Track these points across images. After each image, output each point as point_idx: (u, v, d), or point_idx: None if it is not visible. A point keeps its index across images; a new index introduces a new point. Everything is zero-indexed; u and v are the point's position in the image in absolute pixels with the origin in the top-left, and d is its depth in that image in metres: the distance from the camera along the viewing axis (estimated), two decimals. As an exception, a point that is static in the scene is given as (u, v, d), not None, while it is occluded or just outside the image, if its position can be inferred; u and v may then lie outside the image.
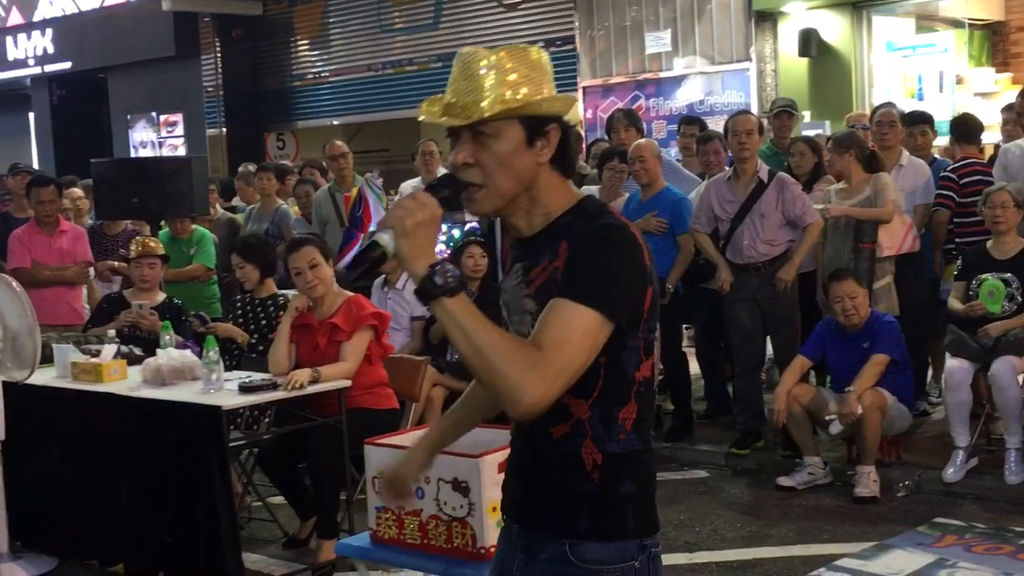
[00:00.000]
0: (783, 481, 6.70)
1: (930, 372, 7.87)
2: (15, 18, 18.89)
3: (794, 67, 11.50)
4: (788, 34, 11.50)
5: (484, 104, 2.21)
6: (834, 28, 11.27)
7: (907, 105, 9.58)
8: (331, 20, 15.70)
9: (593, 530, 2.28)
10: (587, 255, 2.19)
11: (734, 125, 7.20)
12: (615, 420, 2.27)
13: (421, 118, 2.32)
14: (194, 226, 8.93)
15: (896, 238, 7.14)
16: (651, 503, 2.34)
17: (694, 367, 8.27)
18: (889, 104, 8.58)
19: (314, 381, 5.54)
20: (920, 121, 8.07)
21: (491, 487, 3.68)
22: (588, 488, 2.28)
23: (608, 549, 2.28)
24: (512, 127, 2.24)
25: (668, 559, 5.62)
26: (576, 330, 2.13)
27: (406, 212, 2.14)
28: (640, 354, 2.27)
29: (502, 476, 3.68)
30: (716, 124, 10.32)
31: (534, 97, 2.23)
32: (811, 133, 9.65)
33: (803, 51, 11.29)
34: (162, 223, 9.09)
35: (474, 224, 8.56)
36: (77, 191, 10.13)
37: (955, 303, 6.77)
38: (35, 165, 17.89)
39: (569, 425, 2.27)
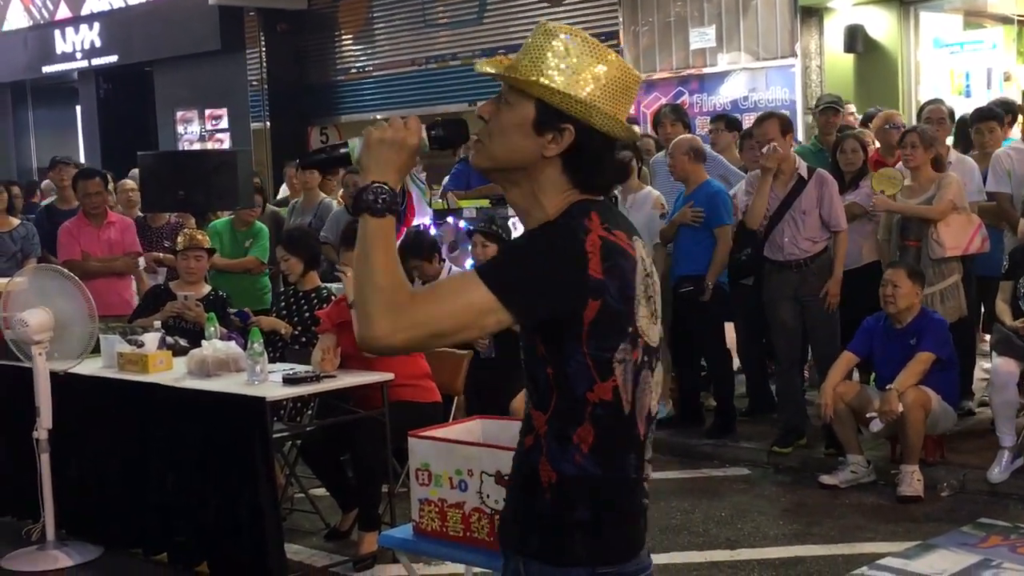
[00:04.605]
0: (826, 479, 6.66)
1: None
2: (63, 12, 19.07)
3: (840, 63, 11.41)
4: (834, 30, 11.42)
5: (515, 66, 2.20)
6: (881, 24, 11.17)
7: (955, 102, 9.49)
8: (375, 14, 15.74)
9: (542, 551, 2.21)
10: (514, 242, 2.19)
11: (758, 136, 7.20)
12: (569, 440, 2.17)
13: (476, 68, 2.31)
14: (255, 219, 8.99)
15: (962, 238, 7.04)
16: (614, 531, 2.22)
17: (735, 363, 8.25)
18: (937, 101, 8.52)
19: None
20: (987, 118, 7.89)
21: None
22: (541, 507, 2.21)
23: (556, 573, 2.21)
24: (526, 104, 2.19)
25: (710, 556, 5.65)
26: (457, 296, 2.09)
27: (379, 128, 2.18)
28: (591, 373, 2.15)
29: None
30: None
31: (553, 86, 2.15)
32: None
33: (849, 47, 11.21)
34: (219, 213, 9.16)
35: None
36: (130, 183, 10.22)
37: (1002, 306, 6.71)
38: (82, 158, 18.10)
39: (532, 438, 2.23)
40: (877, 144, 8.29)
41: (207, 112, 17.40)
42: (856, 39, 11.14)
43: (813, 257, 7.03)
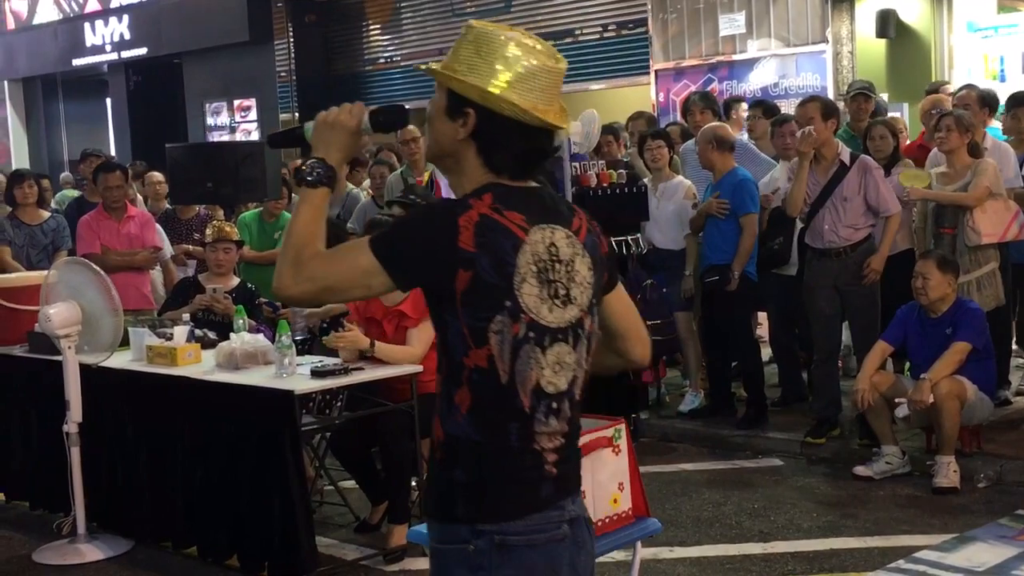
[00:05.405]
0: (860, 470, 6.58)
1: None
2: (92, 4, 19.13)
3: (871, 48, 11.27)
4: (865, 15, 11.28)
5: (446, 63, 2.43)
6: (913, 8, 11.03)
7: (990, 87, 9.33)
8: (403, 4, 15.70)
9: (435, 509, 2.41)
10: (403, 215, 2.44)
11: (798, 117, 7.13)
12: (452, 401, 2.36)
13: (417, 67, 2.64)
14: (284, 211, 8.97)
15: (999, 225, 6.93)
16: (495, 493, 2.35)
17: (766, 353, 8.18)
18: (970, 86, 8.39)
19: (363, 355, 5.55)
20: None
21: (564, 475, 3.63)
22: (433, 466, 2.42)
23: (442, 530, 2.39)
24: (441, 92, 2.42)
25: (742, 548, 5.58)
26: (349, 258, 2.35)
27: (327, 111, 2.49)
28: (467, 340, 2.32)
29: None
30: (791, 107, 10.17)
31: (454, 74, 2.37)
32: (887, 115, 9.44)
33: (881, 32, 11.07)
34: (247, 205, 9.15)
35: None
36: (157, 175, 10.23)
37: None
38: (112, 150, 18.17)
39: (437, 399, 2.44)
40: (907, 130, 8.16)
41: (236, 103, 17.42)
42: (888, 24, 11.00)
43: (854, 245, 6.92)
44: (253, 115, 17.23)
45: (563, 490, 2.41)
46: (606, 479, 3.76)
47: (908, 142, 8.52)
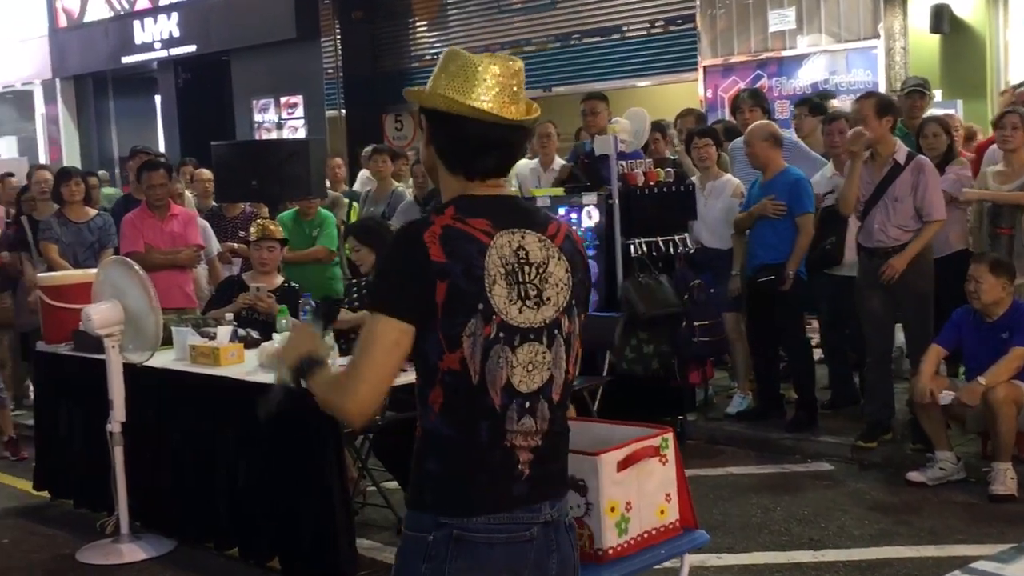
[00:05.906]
0: (913, 476, 6.44)
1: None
2: (142, 2, 19.24)
3: (925, 44, 11.07)
4: (919, 9, 11.07)
5: None
6: (968, 3, 10.82)
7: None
8: (449, 1, 15.64)
9: (411, 498, 2.51)
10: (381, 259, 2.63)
11: (852, 114, 7.01)
12: (427, 401, 2.44)
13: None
14: (319, 208, 8.92)
15: None
16: (460, 487, 2.43)
17: (817, 355, 8.04)
18: (1027, 83, 8.21)
19: None
20: None
21: (610, 486, 3.53)
22: (412, 460, 2.50)
23: (411, 517, 2.49)
24: None
25: (792, 556, 5.47)
26: (370, 338, 2.39)
27: (279, 347, 2.69)
28: (442, 346, 2.39)
29: (621, 475, 3.57)
30: (842, 104, 10.01)
31: (421, 88, 2.51)
32: (941, 112, 9.26)
33: (935, 27, 10.86)
34: (288, 203, 9.11)
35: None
36: (206, 172, 10.22)
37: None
38: (161, 147, 18.26)
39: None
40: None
41: (283, 100, 17.44)
42: (942, 19, 10.79)
43: (904, 246, 6.76)
44: (300, 111, 17.25)
45: (540, 493, 2.47)
46: (653, 489, 3.66)
47: (964, 140, 8.35)
